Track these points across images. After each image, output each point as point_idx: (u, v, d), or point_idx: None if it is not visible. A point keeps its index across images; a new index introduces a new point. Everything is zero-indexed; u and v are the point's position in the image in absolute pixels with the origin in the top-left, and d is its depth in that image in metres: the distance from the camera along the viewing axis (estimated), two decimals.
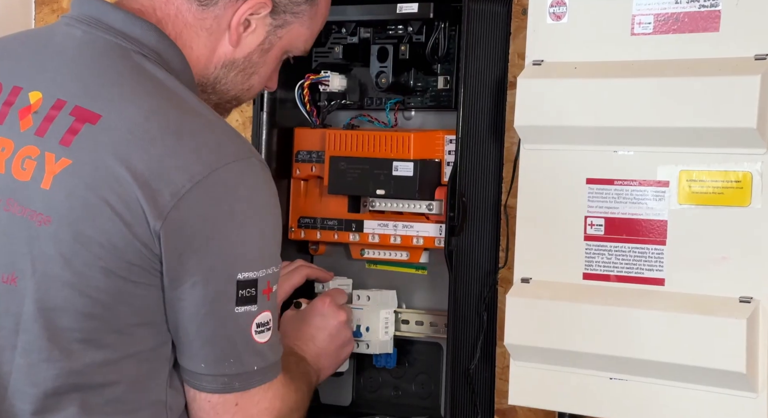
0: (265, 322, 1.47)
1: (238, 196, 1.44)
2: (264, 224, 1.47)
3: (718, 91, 1.65)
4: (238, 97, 1.62)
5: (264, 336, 1.48)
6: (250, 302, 1.45)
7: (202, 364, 1.47)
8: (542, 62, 1.82)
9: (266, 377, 1.51)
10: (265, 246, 1.47)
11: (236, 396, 1.49)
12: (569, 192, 1.79)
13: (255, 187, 1.46)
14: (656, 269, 1.72)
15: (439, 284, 1.96)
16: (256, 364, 1.49)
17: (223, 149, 1.45)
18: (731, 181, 1.66)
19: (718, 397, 1.64)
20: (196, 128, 1.45)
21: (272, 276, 1.48)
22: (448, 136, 1.94)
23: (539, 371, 1.80)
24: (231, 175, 1.44)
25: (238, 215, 1.44)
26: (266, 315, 1.48)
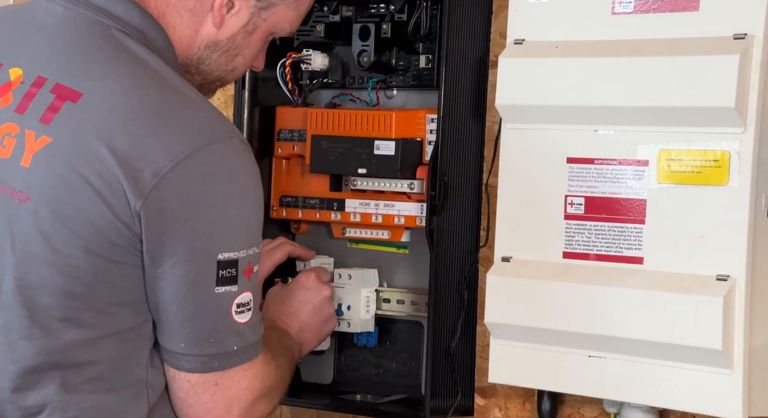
0: (245, 302, 1.50)
1: (220, 176, 1.46)
2: (245, 204, 1.49)
3: (697, 70, 1.68)
4: (222, 78, 1.64)
5: (244, 316, 1.50)
6: (231, 282, 1.47)
7: (182, 344, 1.50)
8: (523, 41, 1.86)
9: (246, 356, 1.54)
10: (247, 227, 1.50)
11: (216, 376, 1.52)
12: (550, 171, 1.83)
13: (237, 167, 1.48)
14: (635, 247, 1.76)
15: (420, 263, 2.00)
16: (236, 344, 1.51)
17: (206, 129, 1.47)
18: (709, 161, 1.70)
19: (695, 374, 1.68)
20: (178, 108, 1.47)
21: (253, 257, 1.50)
22: (429, 115, 1.97)
23: (519, 349, 1.83)
24: (213, 155, 1.46)
25: (220, 195, 1.46)
26: (246, 295, 1.50)
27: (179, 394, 1.53)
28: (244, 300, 1.50)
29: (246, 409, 1.56)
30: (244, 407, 1.55)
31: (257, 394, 1.57)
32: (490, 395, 1.97)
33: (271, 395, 1.60)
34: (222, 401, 1.53)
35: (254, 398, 1.56)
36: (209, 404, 1.52)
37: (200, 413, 1.53)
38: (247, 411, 1.56)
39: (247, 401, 1.55)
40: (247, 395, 1.55)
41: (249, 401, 1.56)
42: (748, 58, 1.66)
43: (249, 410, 1.56)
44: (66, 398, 1.48)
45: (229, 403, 1.53)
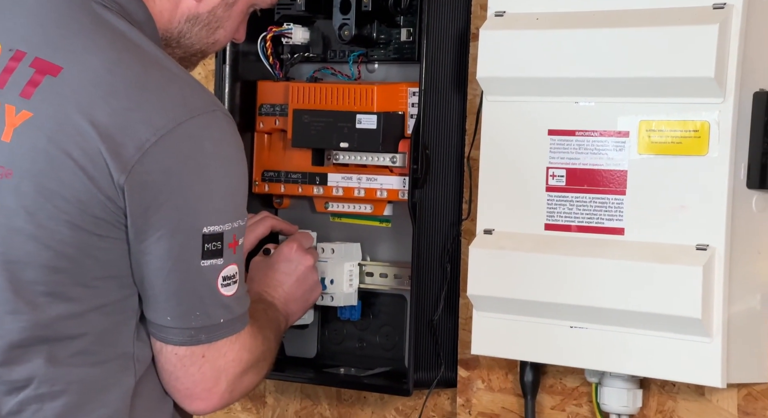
0: (231, 275, 1.52)
1: (204, 149, 1.48)
2: (230, 177, 1.51)
3: (676, 40, 1.72)
4: (203, 50, 1.66)
5: (230, 289, 1.52)
6: (216, 255, 1.49)
7: (168, 317, 1.52)
8: (504, 13, 1.89)
9: (233, 328, 1.56)
10: (231, 200, 1.51)
11: (203, 348, 1.53)
12: (531, 143, 1.86)
13: (221, 140, 1.50)
14: (616, 218, 1.79)
15: (402, 237, 2.03)
16: (223, 316, 1.54)
17: (188, 102, 1.48)
18: (689, 131, 1.74)
19: (675, 342, 1.72)
20: (160, 81, 1.49)
21: (238, 229, 1.52)
22: (411, 88, 2.00)
23: (501, 321, 1.87)
24: (196, 128, 1.47)
25: (204, 168, 1.48)
26: (232, 268, 1.52)
27: (167, 367, 1.55)
28: (230, 273, 1.52)
29: (233, 381, 1.57)
30: (232, 378, 1.57)
31: (245, 365, 1.58)
32: (473, 367, 2.01)
33: (259, 367, 1.63)
34: (209, 373, 1.55)
35: (242, 370, 1.58)
36: (197, 377, 1.54)
37: (188, 385, 1.55)
38: (235, 383, 1.58)
39: (234, 373, 1.57)
40: (235, 367, 1.57)
41: (236, 373, 1.58)
42: (727, 27, 1.69)
43: (236, 381, 1.58)
44: (52, 372, 1.50)
45: (216, 375, 1.55)
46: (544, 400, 1.95)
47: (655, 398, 1.85)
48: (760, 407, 1.77)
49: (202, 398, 1.57)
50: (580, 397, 1.92)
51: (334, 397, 2.16)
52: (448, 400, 2.05)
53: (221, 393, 1.57)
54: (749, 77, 1.71)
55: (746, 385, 1.78)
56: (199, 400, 1.57)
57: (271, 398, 2.22)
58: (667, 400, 1.84)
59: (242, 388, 1.61)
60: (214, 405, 1.58)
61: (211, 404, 1.58)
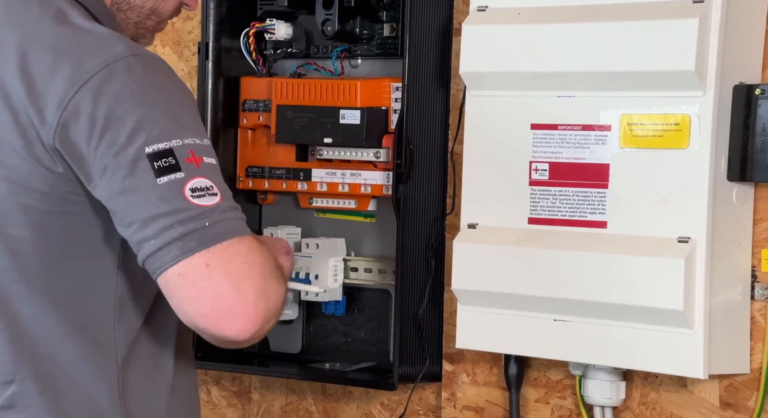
0: (203, 187, 1.45)
1: (125, 84, 1.46)
2: (162, 98, 1.47)
3: (657, 34, 1.75)
4: (156, 10, 1.64)
5: (207, 200, 1.45)
6: (172, 170, 1.44)
7: (152, 241, 1.44)
8: (486, 8, 1.92)
9: (229, 231, 1.44)
10: (172, 118, 1.46)
11: (203, 256, 1.42)
12: (514, 138, 1.89)
13: (144, 74, 1.47)
14: (599, 212, 1.83)
15: (387, 232, 2.06)
16: (207, 220, 1.44)
17: (105, 52, 1.47)
18: (670, 124, 1.77)
19: (657, 334, 1.76)
20: (76, 39, 1.48)
21: (195, 147, 1.46)
22: (394, 83, 2.03)
23: (486, 314, 1.90)
24: (115, 72, 1.46)
25: (128, 98, 1.45)
26: (203, 181, 1.45)
27: (180, 294, 1.43)
28: (201, 185, 1.45)
29: (260, 286, 1.44)
30: (257, 283, 1.44)
31: (261, 270, 1.45)
32: (458, 360, 2.04)
33: (279, 276, 1.49)
34: (225, 281, 1.42)
35: (261, 274, 1.44)
36: (213, 290, 1.42)
37: (210, 303, 1.43)
38: (264, 289, 1.44)
39: (256, 278, 1.44)
40: (252, 271, 1.44)
41: (258, 278, 1.44)
42: (707, 21, 1.72)
43: (265, 287, 1.44)
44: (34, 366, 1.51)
45: (234, 282, 1.43)
46: (528, 393, 1.98)
47: (638, 389, 1.89)
48: (742, 397, 1.81)
49: (236, 313, 1.43)
50: (564, 389, 1.96)
51: (319, 392, 2.19)
52: (434, 394, 2.08)
53: (254, 301, 1.43)
54: (729, 71, 1.74)
55: (728, 376, 1.81)
56: (233, 316, 1.43)
57: (256, 394, 2.25)
58: (650, 391, 1.88)
59: (275, 294, 1.45)
60: (254, 317, 1.43)
61: (250, 318, 1.43)
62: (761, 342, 1.79)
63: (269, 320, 1.46)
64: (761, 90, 1.74)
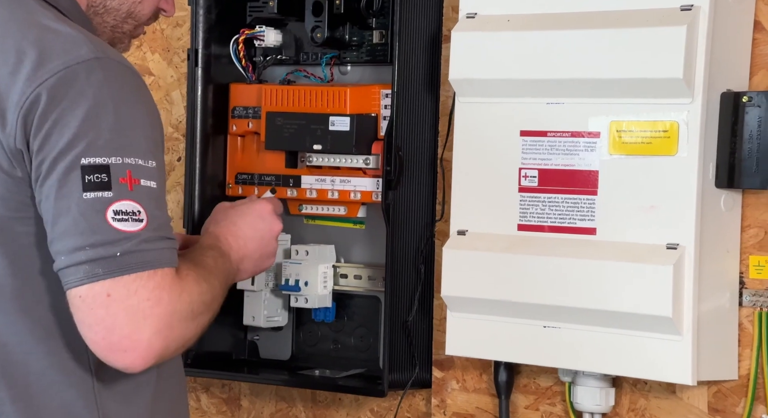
0: (129, 211, 1.44)
1: (81, 89, 1.45)
2: (116, 110, 1.46)
3: (645, 42, 1.77)
4: (132, 13, 1.64)
5: (128, 225, 1.44)
6: (102, 188, 1.44)
7: (63, 257, 1.44)
8: (476, 15, 1.94)
9: (142, 264, 1.44)
10: (120, 133, 1.46)
11: (105, 285, 1.43)
12: (504, 144, 1.91)
13: (104, 81, 1.46)
14: (588, 218, 1.85)
15: (376, 238, 2.08)
16: (119, 250, 1.43)
17: (68, 54, 1.46)
18: (659, 131, 1.79)
19: (646, 341, 1.77)
20: (40, 40, 1.48)
21: (135, 168, 1.45)
22: (384, 90, 2.04)
23: (475, 321, 1.92)
24: (75, 75, 1.45)
25: (80, 104, 1.45)
26: (130, 204, 1.44)
27: (78, 315, 1.44)
28: (126, 208, 1.45)
29: (160, 325, 1.44)
30: (157, 322, 1.43)
31: (168, 308, 1.45)
32: (448, 367, 2.05)
33: (201, 315, 1.50)
34: (122, 314, 1.42)
35: (166, 313, 1.44)
36: (108, 321, 1.43)
37: (103, 333, 1.43)
38: (163, 330, 1.44)
39: (159, 316, 1.44)
40: (156, 309, 1.43)
41: (163, 317, 1.44)
42: (694, 29, 1.74)
43: (165, 328, 1.44)
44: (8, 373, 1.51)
45: (132, 316, 1.42)
46: (518, 400, 2.00)
47: (627, 396, 1.91)
48: (730, 404, 1.83)
49: (125, 348, 1.43)
50: (553, 396, 1.97)
51: (309, 399, 2.20)
52: (423, 400, 2.09)
53: (148, 340, 1.43)
54: (717, 78, 1.76)
55: (716, 382, 1.83)
56: (122, 351, 1.44)
57: (246, 401, 2.27)
58: (639, 398, 1.90)
59: (178, 334, 1.46)
60: (145, 355, 1.44)
61: (140, 355, 1.44)
62: (749, 348, 1.80)
63: (167, 356, 1.48)
64: (748, 97, 1.76)
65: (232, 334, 2.19)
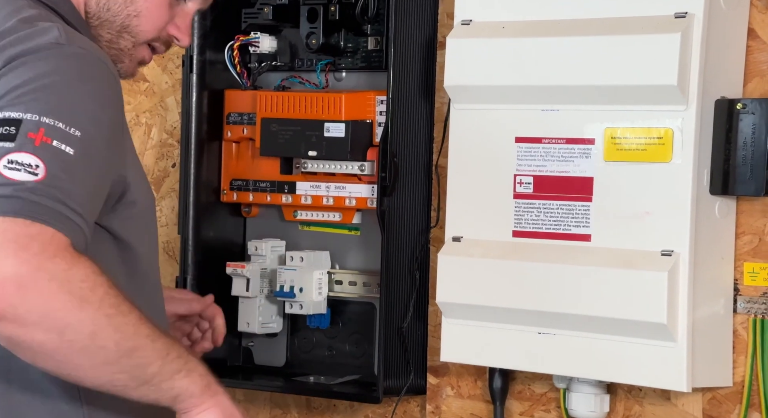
0: (25, 162, 1.40)
1: (34, 65, 1.44)
2: (61, 80, 1.44)
3: (640, 49, 1.78)
4: (127, 27, 1.61)
5: (18, 174, 1.39)
6: (5, 139, 1.41)
7: None
8: (471, 22, 1.95)
9: (14, 211, 1.36)
10: (52, 96, 1.43)
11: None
12: (499, 151, 1.92)
13: (59, 60, 1.45)
14: (583, 225, 1.85)
15: (371, 245, 2.09)
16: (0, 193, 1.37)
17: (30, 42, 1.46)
18: (653, 138, 1.80)
19: (641, 347, 1.78)
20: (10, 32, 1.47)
21: (52, 128, 1.41)
22: (379, 96, 2.05)
23: (470, 328, 1.93)
24: (38, 49, 1.44)
25: (27, 72, 1.43)
26: (30, 157, 1.39)
27: None
28: (23, 160, 1.39)
29: (24, 272, 1.34)
30: (19, 268, 1.34)
31: (37, 263, 1.34)
32: (443, 373, 2.06)
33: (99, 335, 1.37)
34: None
35: (35, 266, 1.35)
36: None
37: None
38: (28, 278, 1.34)
39: (22, 261, 1.34)
40: (21, 253, 1.34)
41: (27, 262, 1.34)
42: (689, 36, 1.75)
43: (30, 279, 1.34)
44: None
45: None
46: (512, 406, 2.01)
47: (622, 403, 1.92)
48: (725, 410, 1.84)
49: None
50: (548, 403, 1.98)
51: (303, 405, 2.21)
52: (418, 407, 2.10)
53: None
54: (711, 85, 1.77)
55: (711, 389, 1.84)
56: None
57: (240, 408, 2.27)
58: (634, 405, 1.91)
59: (42, 303, 1.34)
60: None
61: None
62: (744, 355, 1.81)
63: (22, 322, 1.35)
64: (742, 104, 1.77)
65: (227, 340, 2.16)
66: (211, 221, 2.18)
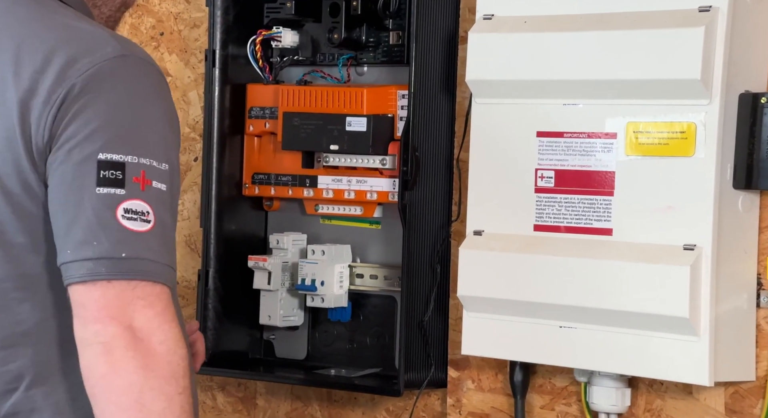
0: (139, 211, 1.42)
1: (106, 86, 1.45)
2: (137, 109, 1.46)
3: (663, 43, 1.75)
4: (126, 2, 1.64)
5: (137, 225, 1.42)
6: (116, 185, 1.43)
7: (69, 250, 1.42)
8: (492, 17, 1.92)
9: (143, 273, 1.41)
10: (137, 132, 1.45)
11: (104, 286, 1.40)
12: (520, 145, 1.89)
13: (128, 78, 1.46)
14: (604, 219, 1.83)
15: (392, 238, 2.07)
16: (124, 251, 1.41)
17: (95, 52, 1.46)
18: (676, 132, 1.78)
19: (663, 341, 1.76)
20: (65, 38, 1.47)
21: (149, 168, 1.44)
22: (400, 91, 2.03)
23: (491, 321, 1.91)
24: (101, 72, 1.45)
25: (103, 100, 1.44)
26: (141, 204, 1.42)
27: (76, 313, 1.42)
28: (137, 208, 1.43)
29: (143, 330, 1.40)
30: (139, 326, 1.39)
31: (162, 320, 1.40)
32: (463, 367, 2.04)
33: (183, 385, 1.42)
34: (106, 312, 1.40)
35: (156, 326, 1.40)
36: (94, 314, 1.39)
37: (86, 325, 1.40)
38: (145, 338, 1.40)
39: (146, 318, 1.40)
40: (146, 315, 1.40)
41: (149, 323, 1.40)
42: (713, 30, 1.73)
43: (147, 335, 1.40)
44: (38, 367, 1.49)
45: (119, 315, 1.39)
46: (533, 399, 1.99)
47: (643, 396, 1.89)
48: (747, 405, 1.81)
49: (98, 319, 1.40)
50: (569, 396, 1.96)
51: (324, 398, 2.19)
52: (439, 400, 2.08)
53: (121, 331, 1.39)
54: (735, 79, 1.75)
55: (733, 383, 1.81)
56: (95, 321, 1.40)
57: (261, 400, 2.25)
58: (656, 399, 1.88)
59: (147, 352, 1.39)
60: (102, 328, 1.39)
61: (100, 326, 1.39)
62: (767, 350, 1.79)
63: None
64: (767, 98, 1.74)
65: (248, 333, 2.18)
66: (233, 214, 2.17)
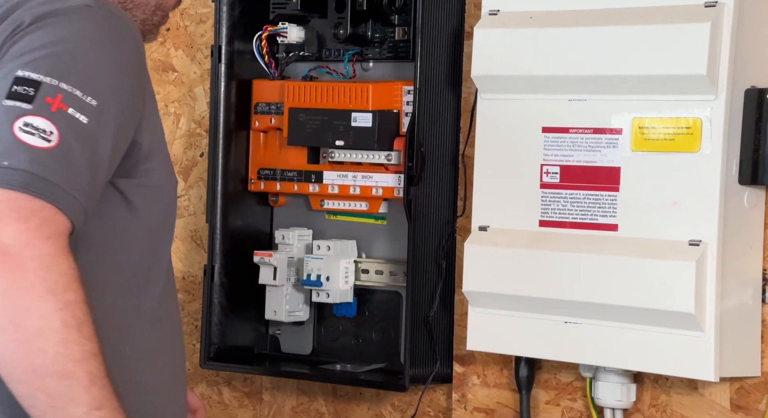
0: (41, 128, 1.36)
1: (62, 23, 1.42)
2: (86, 47, 1.42)
3: (669, 38, 1.74)
4: (161, 5, 1.61)
5: (34, 140, 1.36)
6: (23, 99, 1.38)
7: None
8: (498, 12, 1.91)
9: (23, 185, 1.34)
10: (74, 63, 1.41)
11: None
12: (526, 141, 1.88)
13: (87, 21, 1.42)
14: (610, 215, 1.82)
15: (398, 234, 2.06)
16: (7, 160, 1.35)
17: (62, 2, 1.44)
18: (682, 128, 1.76)
19: (668, 337, 1.75)
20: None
21: (70, 96, 1.38)
22: (406, 86, 2.02)
23: (497, 316, 1.90)
24: (59, 11, 1.43)
25: (50, 30, 1.41)
26: (46, 123, 1.36)
27: None
28: (40, 125, 1.36)
29: (16, 242, 1.31)
30: (19, 236, 1.31)
31: (34, 239, 1.31)
32: (469, 362, 2.03)
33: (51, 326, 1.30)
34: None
35: (29, 240, 1.32)
36: None
37: None
38: (19, 247, 1.31)
39: (19, 232, 1.31)
40: (22, 234, 1.31)
41: (21, 234, 1.31)
42: (719, 25, 1.72)
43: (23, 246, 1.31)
44: None
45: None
46: (538, 395, 1.98)
47: (648, 392, 1.88)
48: (753, 400, 1.80)
49: None
50: (574, 391, 1.95)
51: (330, 393, 2.18)
52: (444, 395, 2.07)
53: None
54: (741, 74, 1.73)
55: (739, 379, 1.80)
56: None
57: (267, 395, 2.25)
58: (661, 394, 1.87)
59: (15, 269, 1.31)
60: None
61: None
62: None
63: None
64: None
65: (254, 328, 2.17)
66: (238, 209, 2.16)
